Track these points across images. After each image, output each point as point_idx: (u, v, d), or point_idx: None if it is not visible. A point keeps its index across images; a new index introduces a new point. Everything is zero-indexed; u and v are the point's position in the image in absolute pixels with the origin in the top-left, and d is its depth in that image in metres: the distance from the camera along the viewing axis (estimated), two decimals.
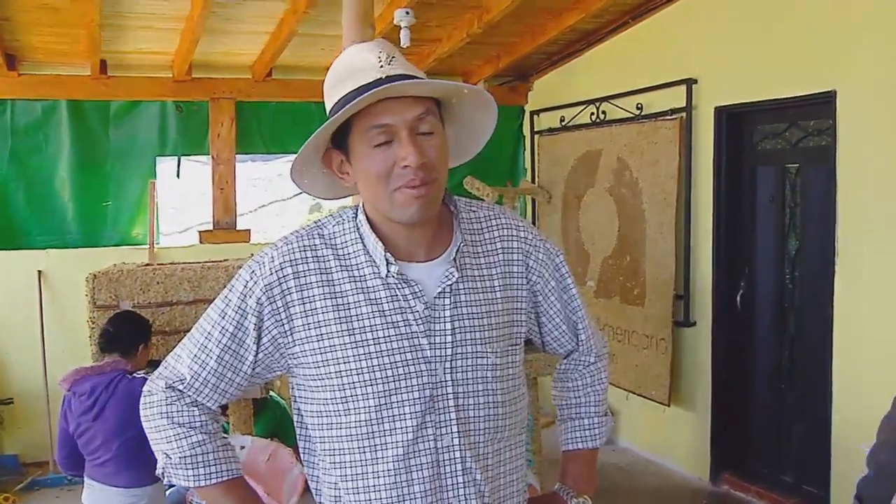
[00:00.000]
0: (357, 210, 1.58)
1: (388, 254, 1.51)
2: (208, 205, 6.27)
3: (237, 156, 6.25)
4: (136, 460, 3.22)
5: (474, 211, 1.65)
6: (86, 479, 3.38)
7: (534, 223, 6.80)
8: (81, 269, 4.21)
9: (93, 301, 4.03)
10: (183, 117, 6.11)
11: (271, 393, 5.02)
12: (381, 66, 1.45)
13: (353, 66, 1.49)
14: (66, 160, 5.85)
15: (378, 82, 1.43)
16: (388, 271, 1.51)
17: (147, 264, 4.60)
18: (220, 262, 4.48)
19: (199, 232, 6.20)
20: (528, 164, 6.92)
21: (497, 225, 1.65)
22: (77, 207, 5.92)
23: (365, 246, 1.53)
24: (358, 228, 1.55)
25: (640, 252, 5.48)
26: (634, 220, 5.52)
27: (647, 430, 5.74)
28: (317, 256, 1.53)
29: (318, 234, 1.56)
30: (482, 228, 1.63)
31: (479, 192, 5.79)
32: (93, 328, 3.96)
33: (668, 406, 5.30)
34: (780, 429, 4.83)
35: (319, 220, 1.60)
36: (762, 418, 4.96)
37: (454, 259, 1.55)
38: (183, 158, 6.25)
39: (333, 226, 1.57)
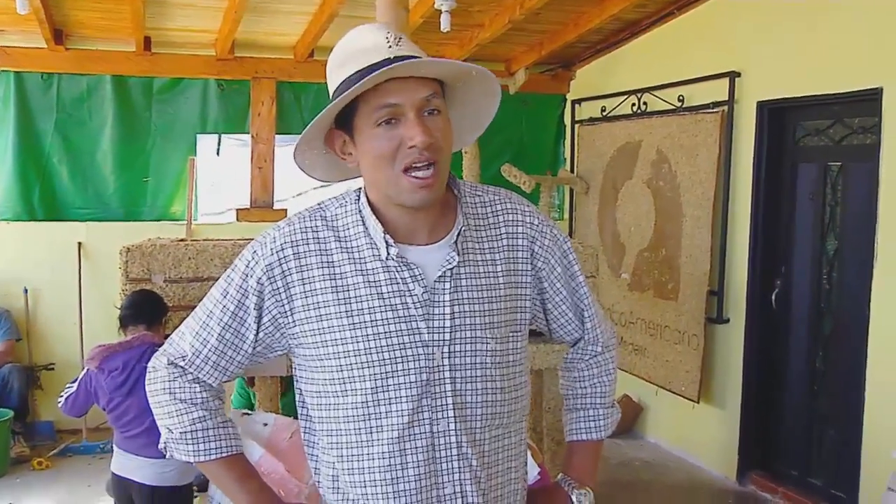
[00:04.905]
0: (360, 192, 1.57)
1: (388, 236, 1.50)
2: (247, 185, 6.32)
3: (279, 137, 6.28)
4: None
5: (479, 195, 1.63)
6: (115, 448, 3.43)
7: (571, 213, 6.76)
8: (120, 242, 4.24)
9: (126, 274, 4.07)
10: (224, 96, 6.16)
11: None
12: (390, 47, 1.45)
13: (359, 46, 1.48)
14: (108, 135, 5.94)
15: (387, 62, 1.42)
16: (388, 254, 1.50)
17: (182, 240, 4.65)
18: (252, 239, 4.51)
19: (237, 210, 6.27)
20: (567, 154, 6.86)
21: (502, 210, 1.62)
22: (118, 182, 6.01)
23: (366, 228, 1.53)
24: (360, 211, 1.54)
25: (675, 246, 5.41)
26: (671, 213, 5.45)
27: (675, 427, 5.68)
28: (318, 238, 1.53)
29: (321, 216, 1.56)
30: (486, 213, 1.61)
31: (515, 181, 5.73)
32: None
33: (698, 403, 5.24)
34: (810, 431, 4.75)
35: (322, 202, 1.60)
36: (792, 419, 4.87)
37: (455, 243, 1.53)
38: (224, 139, 6.31)
39: (336, 208, 1.57)
